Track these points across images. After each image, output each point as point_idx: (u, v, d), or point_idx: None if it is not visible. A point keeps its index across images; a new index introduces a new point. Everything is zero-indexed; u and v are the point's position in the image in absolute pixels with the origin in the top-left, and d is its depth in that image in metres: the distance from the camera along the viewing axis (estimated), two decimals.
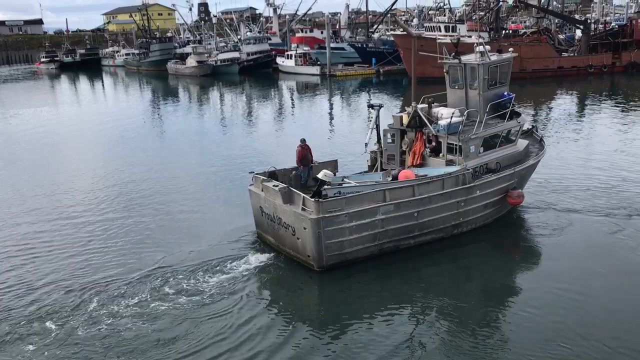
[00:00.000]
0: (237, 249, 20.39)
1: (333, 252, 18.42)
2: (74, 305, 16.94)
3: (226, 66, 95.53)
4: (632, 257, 18.78)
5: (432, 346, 14.39)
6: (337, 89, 71.67)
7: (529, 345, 14.21)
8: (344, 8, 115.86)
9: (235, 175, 29.72)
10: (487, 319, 15.56)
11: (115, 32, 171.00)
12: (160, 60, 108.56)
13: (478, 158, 21.38)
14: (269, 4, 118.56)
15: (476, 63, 21.75)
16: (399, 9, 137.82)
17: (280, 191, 19.00)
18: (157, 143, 42.13)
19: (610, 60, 70.69)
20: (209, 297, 17.01)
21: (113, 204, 26.35)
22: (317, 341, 14.92)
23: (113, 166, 33.96)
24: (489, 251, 20.41)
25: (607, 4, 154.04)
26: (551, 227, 21.33)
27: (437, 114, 22.01)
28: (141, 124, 51.30)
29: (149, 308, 16.51)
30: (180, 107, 62.66)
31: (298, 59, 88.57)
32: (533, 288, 17.12)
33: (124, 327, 15.63)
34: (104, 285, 18.09)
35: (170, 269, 18.91)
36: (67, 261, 20.17)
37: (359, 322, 15.68)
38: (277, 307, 16.68)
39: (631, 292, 16.68)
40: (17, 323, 16.14)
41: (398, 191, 19.09)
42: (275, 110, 57.22)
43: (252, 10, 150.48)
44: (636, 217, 21.83)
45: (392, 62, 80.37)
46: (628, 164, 29.20)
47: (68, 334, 15.45)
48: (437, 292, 17.11)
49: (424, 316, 15.98)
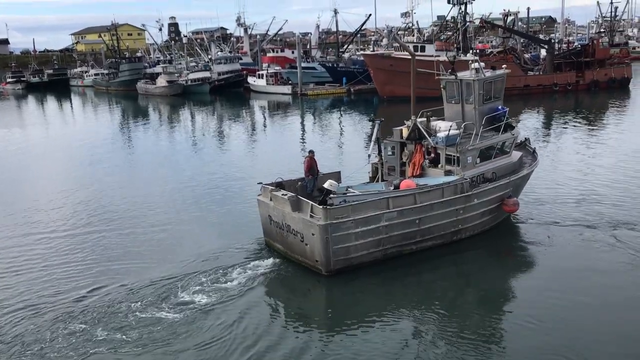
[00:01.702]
0: (246, 257, 21.15)
1: (340, 257, 19.33)
2: (85, 311, 17.55)
3: (197, 86, 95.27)
4: (610, 260, 19.73)
5: (433, 349, 15.01)
6: (309, 108, 72.03)
7: (521, 349, 14.79)
8: (314, 28, 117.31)
9: (219, 192, 29.86)
10: (483, 324, 16.22)
11: (84, 52, 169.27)
12: (130, 80, 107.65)
13: (475, 168, 22.46)
14: (239, 24, 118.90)
15: (472, 79, 22.90)
16: (368, 29, 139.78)
17: (289, 200, 19.96)
18: (128, 163, 41.62)
19: (574, 78, 72.64)
20: (220, 301, 17.66)
21: (91, 226, 26.15)
22: (326, 342, 15.63)
23: (81, 187, 33.44)
24: (486, 257, 21.36)
25: (570, 24, 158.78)
26: (543, 235, 22.30)
27: (435, 127, 23.09)
28: (110, 144, 50.61)
29: (159, 314, 17.06)
30: (151, 127, 62.12)
31: (269, 78, 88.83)
32: (527, 294, 17.91)
33: (133, 329, 16.28)
34: (122, 289, 18.91)
35: (179, 278, 19.37)
36: (71, 272, 20.82)
37: (365, 324, 16.38)
38: (287, 310, 17.57)
39: (618, 296, 17.42)
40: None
41: (401, 199, 20.14)
42: (248, 129, 57.20)
43: (222, 30, 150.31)
44: (607, 225, 22.88)
45: (363, 81, 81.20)
46: (597, 176, 30.43)
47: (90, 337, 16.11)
48: (438, 296, 17.93)
49: (425, 320, 16.62)
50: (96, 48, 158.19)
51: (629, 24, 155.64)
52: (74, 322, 16.91)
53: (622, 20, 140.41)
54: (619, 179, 29.69)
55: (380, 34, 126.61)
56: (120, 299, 18.17)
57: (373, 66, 72.97)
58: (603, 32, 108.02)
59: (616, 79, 73.82)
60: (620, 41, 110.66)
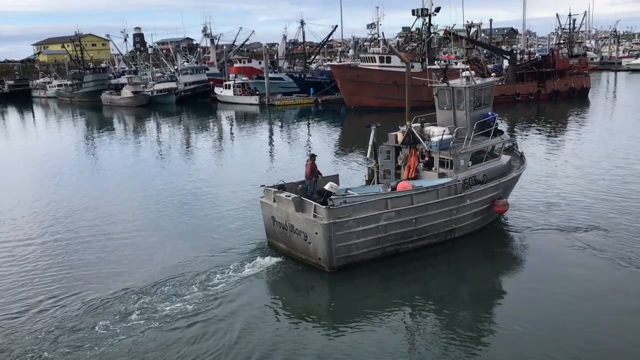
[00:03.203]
0: (250, 256, 22.05)
1: (342, 254, 20.35)
2: (105, 309, 18.25)
3: (163, 96, 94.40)
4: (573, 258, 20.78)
5: (428, 341, 15.95)
6: (276, 118, 72.07)
7: (513, 343, 15.68)
8: (281, 39, 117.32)
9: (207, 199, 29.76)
10: (474, 318, 17.31)
11: (46, 62, 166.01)
12: (94, 91, 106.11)
13: (467, 171, 23.54)
14: (206, 35, 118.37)
15: (463, 86, 24.16)
16: (335, 40, 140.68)
17: (293, 200, 20.92)
18: (91, 174, 40.96)
19: (535, 88, 74.40)
20: (227, 298, 18.54)
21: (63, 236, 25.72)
22: (330, 335, 16.52)
23: (52, 197, 32.89)
24: (478, 256, 22.51)
25: (531, 36, 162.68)
26: (529, 236, 23.60)
27: (428, 132, 24.11)
28: (75, 156, 49.78)
29: (164, 310, 17.80)
30: (116, 139, 61.20)
31: (237, 88, 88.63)
32: (516, 289, 19.19)
33: (139, 329, 16.88)
34: (127, 290, 19.56)
35: (177, 278, 20.18)
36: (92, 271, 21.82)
37: (366, 318, 17.36)
38: (292, 305, 18.63)
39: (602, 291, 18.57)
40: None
41: (398, 200, 21.21)
42: (215, 139, 56.86)
43: (188, 41, 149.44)
44: (576, 227, 24.16)
45: (330, 92, 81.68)
46: (564, 180, 32.08)
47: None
48: (433, 292, 19.18)
49: (421, 314, 17.69)
50: (59, 58, 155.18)
51: (587, 35, 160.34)
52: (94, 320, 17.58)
53: (580, 32, 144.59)
54: (585, 183, 31.07)
55: (346, 45, 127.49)
56: (122, 300, 18.80)
57: (340, 77, 73.48)
58: (562, 44, 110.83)
59: (576, 88, 75.84)
60: (579, 52, 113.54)
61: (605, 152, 39.37)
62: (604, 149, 40.64)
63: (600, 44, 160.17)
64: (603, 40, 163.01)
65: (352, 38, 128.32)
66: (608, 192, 28.99)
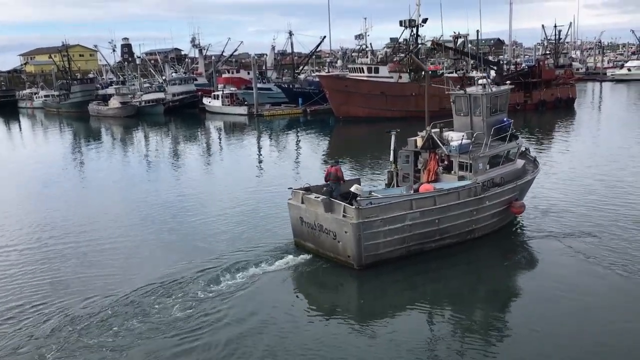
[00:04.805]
0: (279, 255, 23.05)
1: (370, 252, 21.43)
2: (145, 296, 19.63)
3: (151, 107, 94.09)
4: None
5: (450, 338, 16.73)
6: (265, 128, 72.02)
7: (530, 342, 16.28)
8: (269, 49, 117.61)
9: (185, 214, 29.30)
10: (493, 316, 18.25)
11: (33, 73, 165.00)
12: (82, 101, 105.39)
13: (486, 174, 24.66)
14: (194, 45, 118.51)
15: (480, 94, 25.41)
16: (323, 51, 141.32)
17: (322, 202, 21.95)
18: (78, 185, 40.71)
19: (522, 98, 74.92)
20: (260, 293, 19.63)
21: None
22: (359, 330, 17.47)
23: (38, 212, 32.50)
24: (496, 255, 23.66)
25: (517, 46, 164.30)
26: (546, 236, 24.65)
27: (447, 137, 25.27)
28: (62, 167, 49.36)
29: (195, 306, 18.86)
30: (104, 149, 60.76)
31: (225, 99, 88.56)
32: (534, 289, 19.92)
33: (174, 314, 18.25)
34: (165, 282, 20.82)
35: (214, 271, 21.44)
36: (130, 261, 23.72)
37: (393, 314, 18.54)
38: (323, 300, 20.00)
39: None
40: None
41: (423, 201, 22.32)
42: (203, 149, 56.64)
43: (177, 51, 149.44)
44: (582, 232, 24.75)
45: (319, 102, 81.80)
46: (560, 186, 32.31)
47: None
48: (454, 289, 20.28)
49: (443, 311, 18.69)
50: (46, 69, 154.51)
51: (572, 46, 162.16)
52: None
53: (565, 43, 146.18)
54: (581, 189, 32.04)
55: (335, 56, 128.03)
56: (161, 294, 19.90)
57: (329, 87, 73.70)
58: (548, 54, 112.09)
59: (562, 98, 76.60)
60: (565, 62, 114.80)
61: (593, 161, 39.73)
62: (593, 157, 41.05)
63: (585, 54, 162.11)
64: (588, 51, 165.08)
65: (341, 49, 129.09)
66: (602, 201, 29.69)
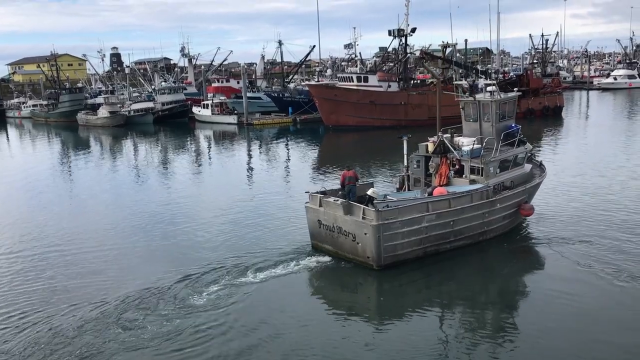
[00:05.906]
0: (298, 257, 23.79)
1: (389, 253, 22.21)
2: (162, 294, 20.62)
3: (140, 116, 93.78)
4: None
5: (463, 338, 17.30)
6: (255, 137, 72.08)
7: (540, 342, 16.74)
8: (259, 59, 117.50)
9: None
10: (504, 316, 18.90)
11: (21, 82, 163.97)
12: (70, 111, 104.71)
13: (496, 178, 25.51)
14: (183, 55, 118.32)
15: (489, 100, 26.21)
16: (313, 60, 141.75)
17: (341, 204, 22.75)
18: (66, 196, 40.48)
19: None
20: (285, 292, 20.53)
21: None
22: (379, 328, 18.29)
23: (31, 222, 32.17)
24: (507, 255, 24.48)
25: (505, 55, 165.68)
26: (553, 238, 25.36)
27: (458, 142, 26.08)
28: (51, 176, 49.10)
29: (221, 304, 19.61)
30: (93, 158, 60.53)
31: (215, 108, 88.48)
32: (545, 290, 20.45)
33: (194, 311, 19.08)
34: (190, 279, 21.92)
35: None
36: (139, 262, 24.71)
37: (411, 313, 19.24)
38: (344, 298, 20.90)
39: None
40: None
41: (438, 203, 23.13)
42: (193, 158, 56.58)
43: (166, 61, 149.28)
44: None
45: (309, 111, 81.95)
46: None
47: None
48: (468, 289, 21.04)
49: (457, 310, 19.61)
50: (34, 78, 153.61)
51: (559, 55, 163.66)
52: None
53: (553, 52, 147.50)
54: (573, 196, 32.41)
55: (324, 65, 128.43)
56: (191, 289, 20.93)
57: (318, 96, 73.87)
58: (536, 63, 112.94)
59: (550, 107, 77.23)
60: (552, 71, 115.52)
61: (582, 168, 40.33)
62: (583, 165, 41.53)
63: (572, 63, 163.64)
64: (575, 60, 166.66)
65: (330, 58, 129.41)
66: (597, 206, 30.17)
